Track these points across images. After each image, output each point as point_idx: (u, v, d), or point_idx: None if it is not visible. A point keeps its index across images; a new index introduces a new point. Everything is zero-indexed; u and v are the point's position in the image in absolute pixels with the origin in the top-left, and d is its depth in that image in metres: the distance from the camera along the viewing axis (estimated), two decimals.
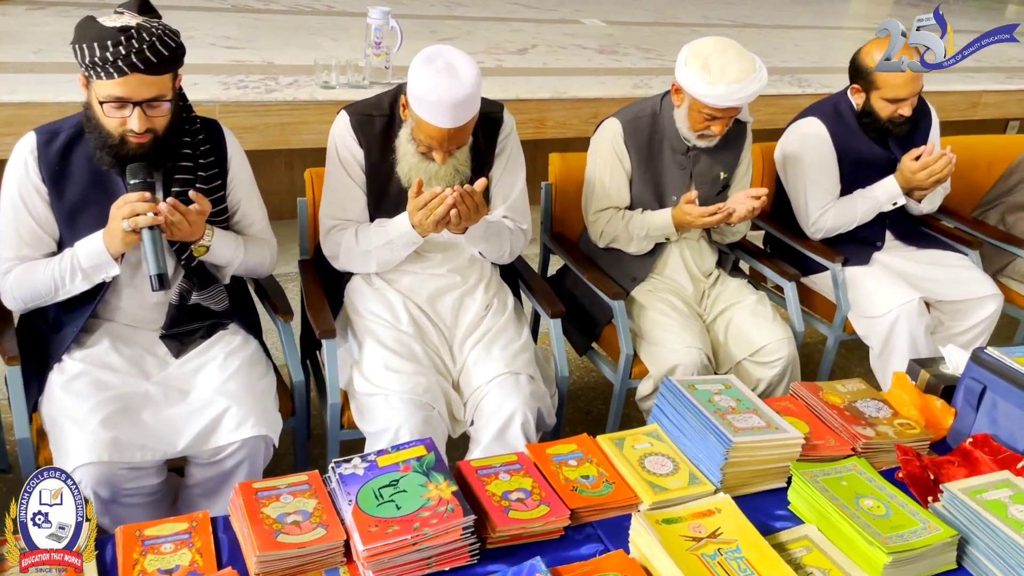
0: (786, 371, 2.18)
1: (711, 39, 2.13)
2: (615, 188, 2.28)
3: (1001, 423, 1.72)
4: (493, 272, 2.08)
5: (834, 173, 2.52)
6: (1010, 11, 8.86)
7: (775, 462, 1.61)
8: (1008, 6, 9.25)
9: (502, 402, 1.78)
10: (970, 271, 2.55)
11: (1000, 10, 8.30)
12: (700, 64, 2.07)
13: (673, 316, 2.16)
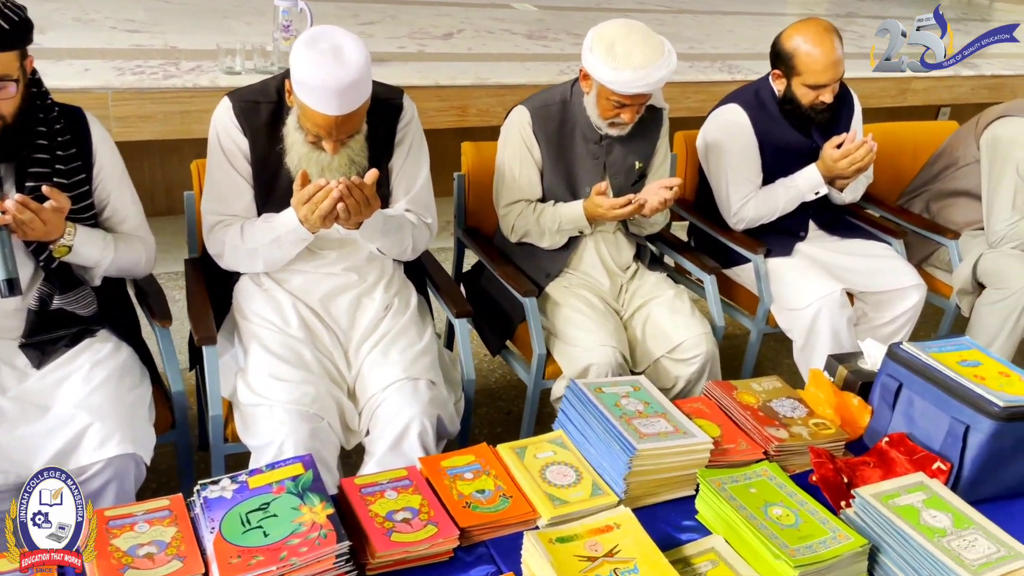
0: (705, 368, 2.10)
1: (617, 22, 2.02)
2: (525, 180, 2.17)
3: (918, 421, 1.66)
4: (395, 270, 1.95)
5: (755, 162, 2.44)
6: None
7: (683, 469, 1.52)
8: None
9: (398, 410, 1.66)
10: (893, 261, 2.51)
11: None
12: (605, 49, 1.97)
13: (587, 313, 2.06)
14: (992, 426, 1.52)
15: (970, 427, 1.55)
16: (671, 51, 2.02)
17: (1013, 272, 2.49)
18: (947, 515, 1.43)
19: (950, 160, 2.76)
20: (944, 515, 1.43)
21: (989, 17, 7.48)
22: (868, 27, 5.93)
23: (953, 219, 2.74)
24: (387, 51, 3.55)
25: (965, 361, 1.68)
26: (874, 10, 7.13)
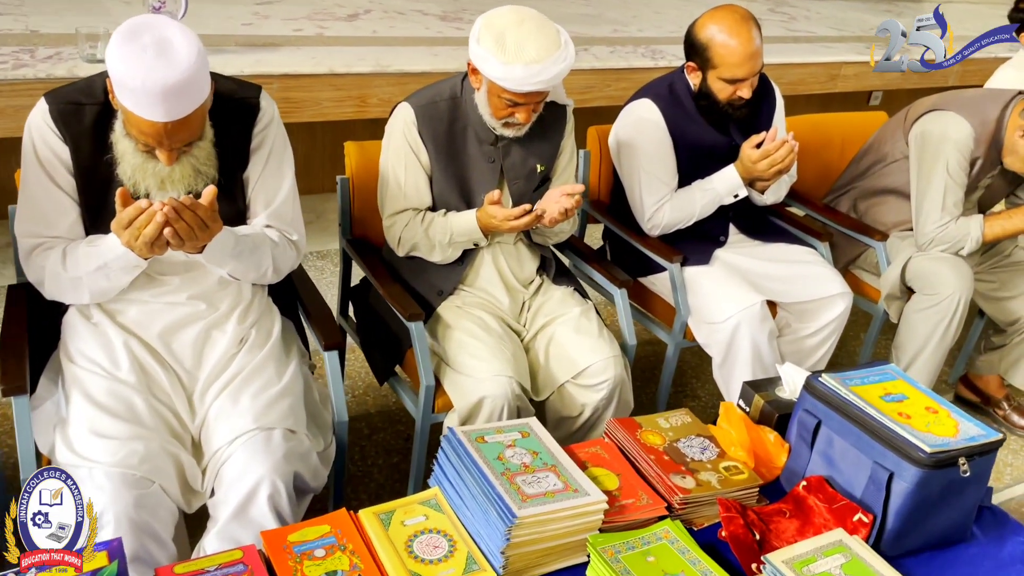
0: (613, 394, 1.91)
1: (507, 9, 1.79)
2: (412, 187, 1.93)
3: (838, 463, 1.49)
4: (255, 295, 1.70)
5: (670, 163, 2.24)
6: None
7: (573, 535, 1.32)
8: None
9: (245, 469, 1.42)
10: (818, 268, 2.34)
11: None
12: (493, 40, 1.74)
13: (482, 338, 1.84)
14: (918, 474, 1.35)
15: (894, 474, 1.38)
16: (568, 42, 1.79)
17: (943, 277, 2.35)
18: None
19: (878, 156, 2.60)
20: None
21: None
22: (799, 9, 5.80)
23: (881, 219, 2.59)
24: (280, 35, 3.25)
25: (889, 395, 1.51)
26: None
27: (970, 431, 1.42)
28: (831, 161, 2.86)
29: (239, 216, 1.66)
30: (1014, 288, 2.56)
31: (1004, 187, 2.50)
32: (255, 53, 2.96)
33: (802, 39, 4.72)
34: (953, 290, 2.32)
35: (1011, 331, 2.62)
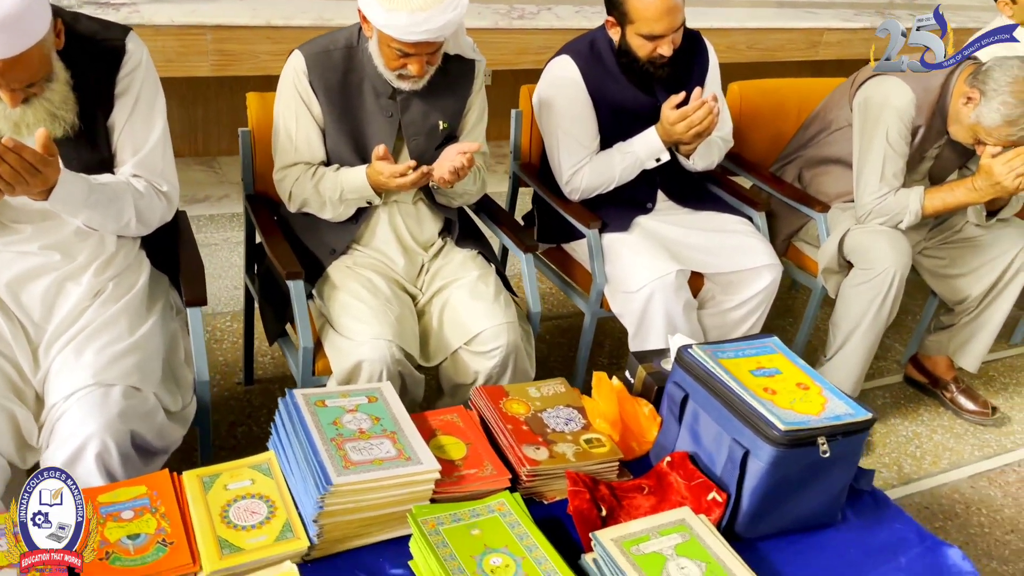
0: (507, 361, 1.83)
1: None
2: (303, 139, 1.85)
3: (702, 439, 1.41)
4: (122, 248, 1.64)
5: (590, 123, 2.14)
6: None
7: (400, 504, 1.26)
8: None
9: (77, 425, 1.36)
10: (748, 238, 2.24)
11: None
12: None
13: (366, 299, 1.77)
14: (772, 453, 1.27)
15: (749, 452, 1.30)
16: None
17: (879, 250, 2.25)
18: (699, 565, 1.18)
19: (824, 123, 2.48)
20: (696, 566, 1.18)
21: None
22: None
23: (825, 189, 2.48)
24: None
25: (761, 370, 1.43)
26: None
27: (837, 409, 1.34)
28: (785, 130, 2.74)
29: (103, 164, 1.59)
30: (963, 265, 2.45)
31: (955, 159, 2.37)
32: (191, 3, 2.88)
33: (786, 4, 4.55)
34: (888, 265, 2.21)
35: (959, 310, 2.52)
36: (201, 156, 3.68)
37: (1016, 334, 3.08)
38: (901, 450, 2.45)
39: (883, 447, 2.45)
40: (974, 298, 2.44)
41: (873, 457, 2.41)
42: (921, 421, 2.59)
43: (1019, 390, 2.81)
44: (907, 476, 2.35)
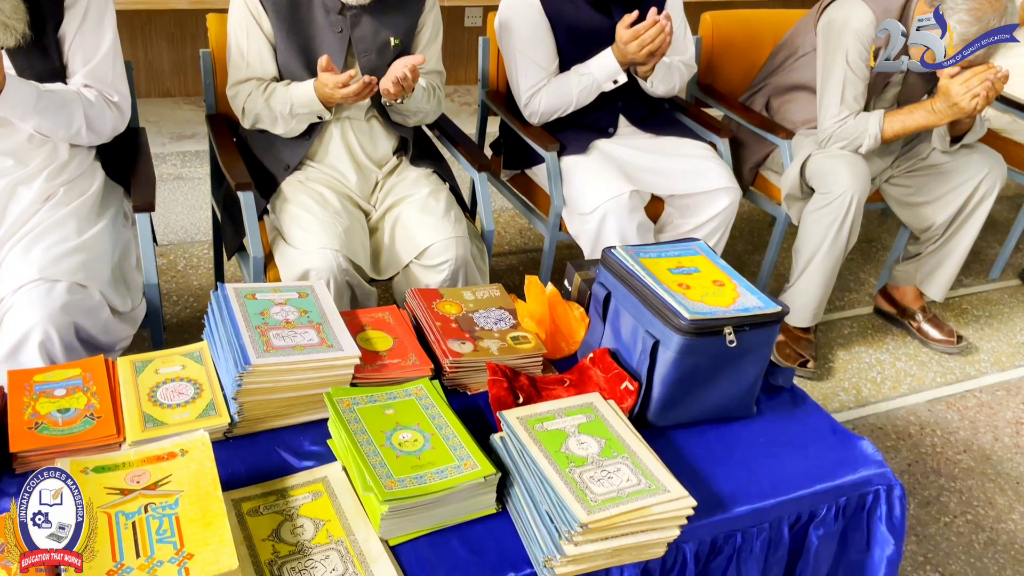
0: (457, 276, 1.88)
1: None
2: (255, 55, 1.89)
3: (621, 335, 1.45)
4: (75, 156, 1.70)
5: (547, 45, 2.16)
6: None
7: (318, 387, 1.32)
8: None
9: (21, 315, 1.43)
10: (707, 162, 2.25)
11: None
12: None
13: (315, 212, 1.82)
14: (680, 341, 1.32)
15: (659, 342, 1.35)
16: None
17: (838, 174, 2.25)
18: (599, 441, 1.24)
19: (791, 50, 2.48)
20: (595, 441, 1.23)
21: None
22: None
23: (791, 116, 2.49)
24: None
25: (680, 268, 1.46)
26: None
27: (747, 303, 1.37)
28: (758, 60, 2.73)
29: (54, 74, 1.65)
30: (929, 193, 2.45)
31: (922, 84, 2.37)
32: None
33: None
34: (846, 188, 2.22)
35: (924, 239, 2.52)
36: (191, 96, 3.73)
37: (994, 269, 3.08)
38: (862, 376, 2.48)
39: (843, 372, 2.48)
40: (939, 225, 2.45)
41: (832, 381, 2.44)
42: (886, 349, 2.61)
43: (991, 323, 2.82)
44: (864, 399, 2.38)
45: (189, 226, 2.80)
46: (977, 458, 2.20)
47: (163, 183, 3.04)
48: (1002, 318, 2.84)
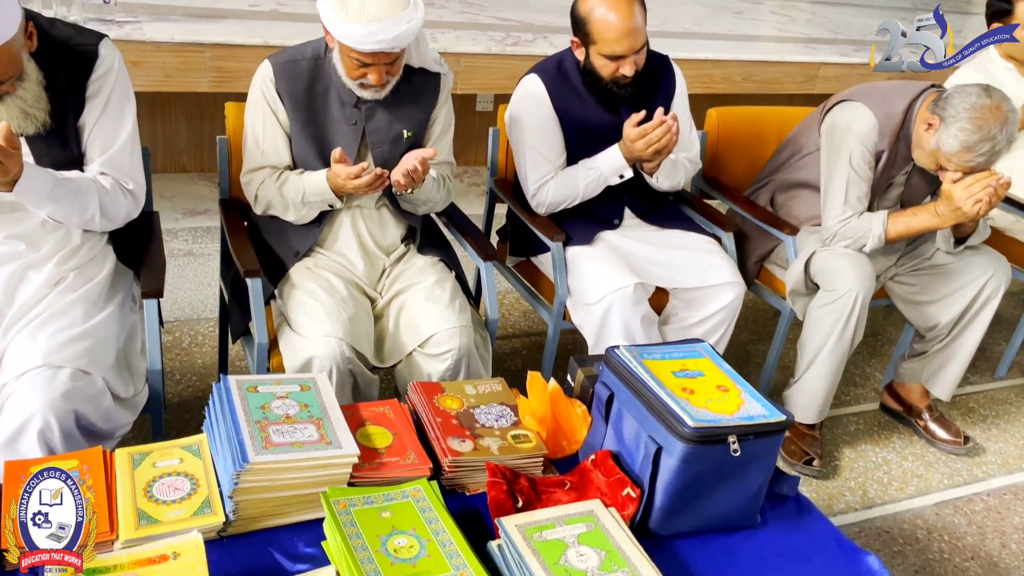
0: (460, 365, 1.88)
1: None
2: (270, 144, 1.93)
3: (624, 438, 1.44)
4: (87, 241, 1.72)
5: (555, 139, 2.21)
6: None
7: (316, 486, 1.30)
8: None
9: (22, 402, 1.43)
10: (712, 256, 2.27)
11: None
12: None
13: (321, 299, 1.83)
14: (683, 449, 1.30)
15: (662, 448, 1.33)
16: (418, 3, 1.78)
17: (843, 272, 2.27)
18: (599, 553, 1.21)
19: (795, 148, 2.52)
20: (595, 553, 1.21)
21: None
22: (803, 12, 5.68)
23: (796, 212, 2.51)
24: (231, 8, 3.30)
25: (684, 371, 1.46)
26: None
27: (751, 411, 1.36)
28: (763, 155, 2.78)
29: (73, 162, 1.68)
30: (934, 292, 2.46)
31: (925, 185, 2.40)
32: (194, 23, 3.01)
33: (787, 39, 4.61)
34: (851, 287, 2.23)
35: (930, 337, 2.52)
36: (206, 172, 3.79)
37: (1001, 367, 3.06)
38: (868, 475, 2.44)
39: (850, 471, 2.45)
40: (944, 325, 2.45)
41: (838, 481, 2.40)
42: (892, 448, 2.58)
43: (997, 423, 2.79)
44: (871, 500, 2.34)
45: (196, 303, 2.82)
46: (985, 565, 2.15)
47: (173, 259, 3.07)
48: (1009, 418, 2.81)
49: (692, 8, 5.10)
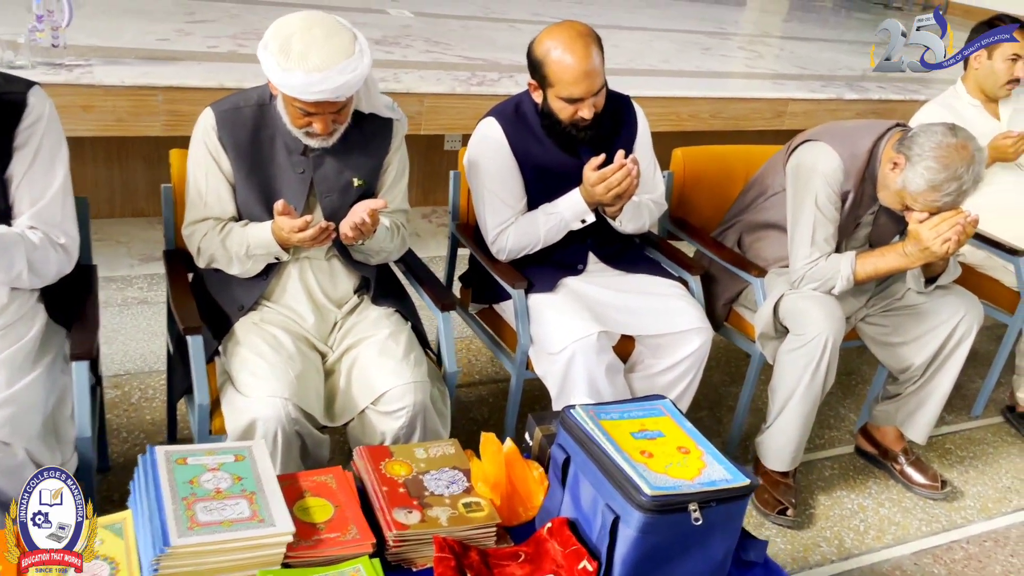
0: (415, 423, 1.79)
1: (302, 14, 1.72)
2: (213, 195, 1.85)
3: (582, 504, 1.35)
4: (16, 299, 1.62)
5: (515, 184, 2.14)
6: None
7: (246, 568, 1.20)
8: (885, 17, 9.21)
9: None
10: (678, 301, 2.20)
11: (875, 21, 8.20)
12: (279, 45, 1.67)
13: (267, 356, 1.74)
14: (641, 519, 1.22)
15: (619, 518, 1.25)
16: (364, 51, 1.71)
17: (812, 316, 2.21)
18: None
19: (761, 188, 2.48)
20: None
21: None
22: (771, 48, 5.71)
23: (763, 254, 2.46)
24: (189, 51, 3.24)
25: (643, 432, 1.38)
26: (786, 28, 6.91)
27: (713, 475, 1.29)
28: (731, 194, 2.73)
29: (1, 216, 1.59)
30: (906, 333, 2.40)
31: (893, 225, 2.35)
32: (147, 65, 2.93)
33: (755, 75, 4.62)
34: (820, 331, 2.17)
35: (903, 379, 2.46)
36: None
37: (976, 405, 3.01)
38: (844, 523, 2.36)
39: (825, 520, 2.37)
40: (918, 367, 2.39)
41: (813, 531, 2.32)
42: (869, 494, 2.51)
43: (975, 464, 2.72)
44: (847, 551, 2.26)
45: (148, 354, 2.71)
46: None
47: (127, 307, 2.97)
48: (987, 459, 2.75)
49: (660, 45, 5.11)
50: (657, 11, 6.67)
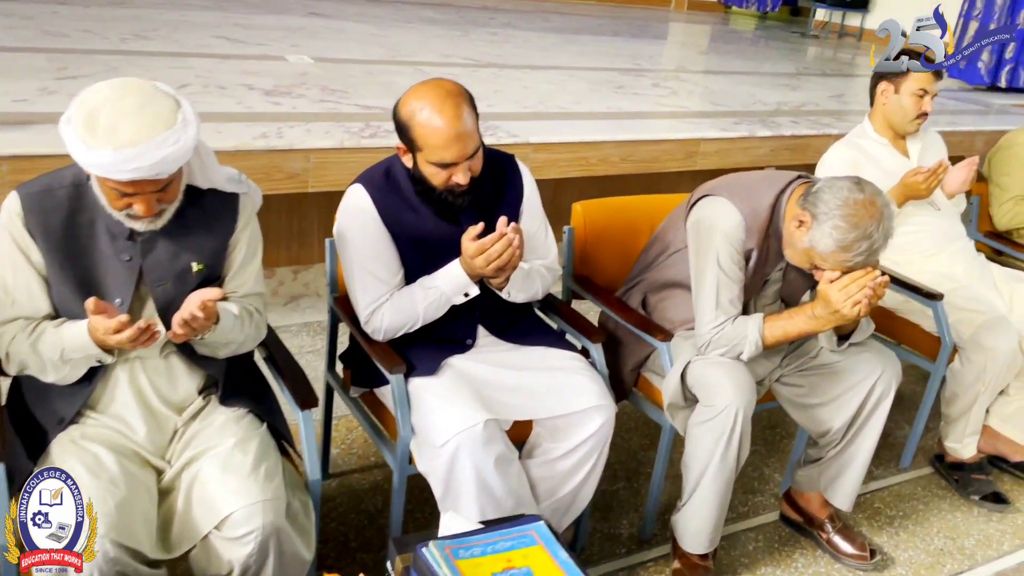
0: (267, 548, 1.54)
1: (114, 82, 1.50)
2: (22, 291, 1.59)
3: None
4: None
5: (389, 256, 1.93)
6: (811, 53, 8.88)
7: None
8: (809, 48, 9.29)
9: None
10: (576, 376, 2.01)
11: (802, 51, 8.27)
12: (83, 119, 1.44)
13: (85, 483, 1.44)
14: None
15: None
16: (188, 120, 1.49)
17: (720, 386, 2.03)
18: None
19: (664, 244, 2.31)
20: None
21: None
22: (686, 84, 5.65)
23: (669, 315, 2.29)
24: (52, 111, 2.94)
25: (509, 570, 1.16)
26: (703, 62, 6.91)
27: None
28: (638, 248, 2.56)
29: None
30: (823, 394, 2.25)
31: (803, 280, 2.21)
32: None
33: (666, 115, 4.52)
34: (729, 402, 1.99)
35: (823, 443, 2.30)
36: None
37: (905, 456, 2.88)
38: None
39: None
40: (837, 430, 2.24)
41: None
42: (795, 569, 2.33)
43: (905, 524, 2.58)
44: None
45: None
46: None
47: None
48: (917, 517, 2.61)
49: (573, 85, 4.98)
50: (575, 48, 6.57)
